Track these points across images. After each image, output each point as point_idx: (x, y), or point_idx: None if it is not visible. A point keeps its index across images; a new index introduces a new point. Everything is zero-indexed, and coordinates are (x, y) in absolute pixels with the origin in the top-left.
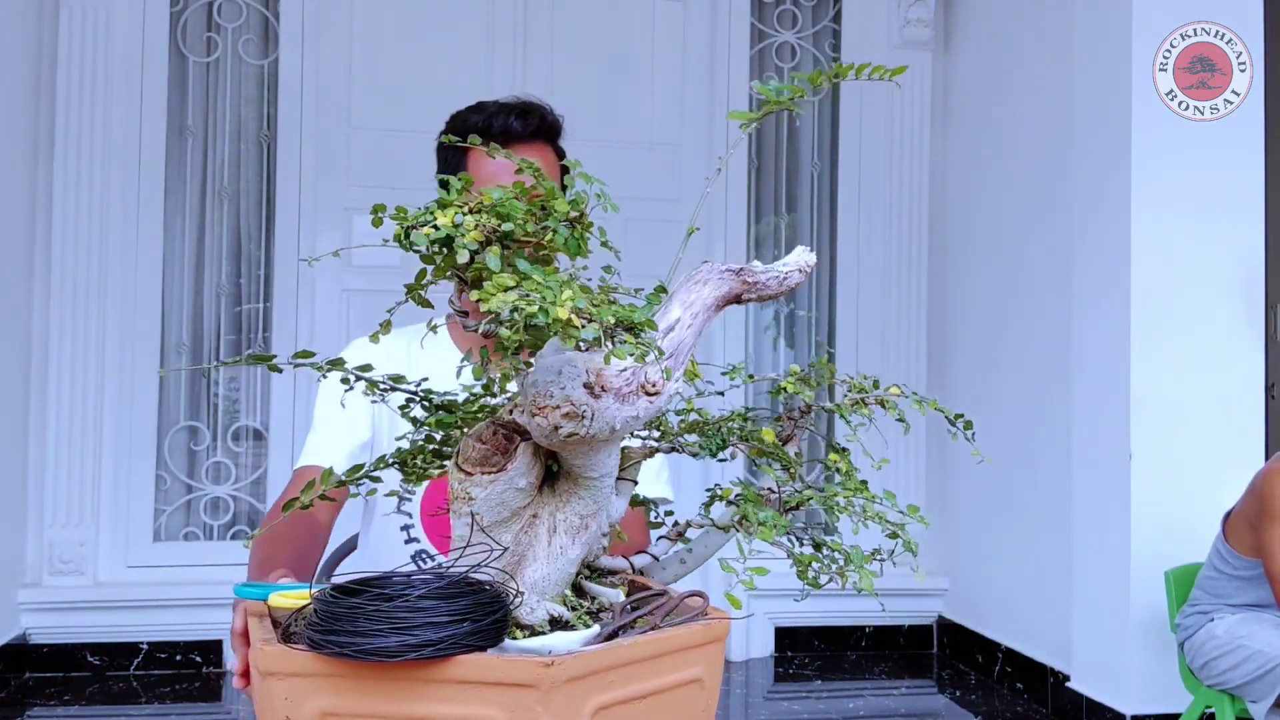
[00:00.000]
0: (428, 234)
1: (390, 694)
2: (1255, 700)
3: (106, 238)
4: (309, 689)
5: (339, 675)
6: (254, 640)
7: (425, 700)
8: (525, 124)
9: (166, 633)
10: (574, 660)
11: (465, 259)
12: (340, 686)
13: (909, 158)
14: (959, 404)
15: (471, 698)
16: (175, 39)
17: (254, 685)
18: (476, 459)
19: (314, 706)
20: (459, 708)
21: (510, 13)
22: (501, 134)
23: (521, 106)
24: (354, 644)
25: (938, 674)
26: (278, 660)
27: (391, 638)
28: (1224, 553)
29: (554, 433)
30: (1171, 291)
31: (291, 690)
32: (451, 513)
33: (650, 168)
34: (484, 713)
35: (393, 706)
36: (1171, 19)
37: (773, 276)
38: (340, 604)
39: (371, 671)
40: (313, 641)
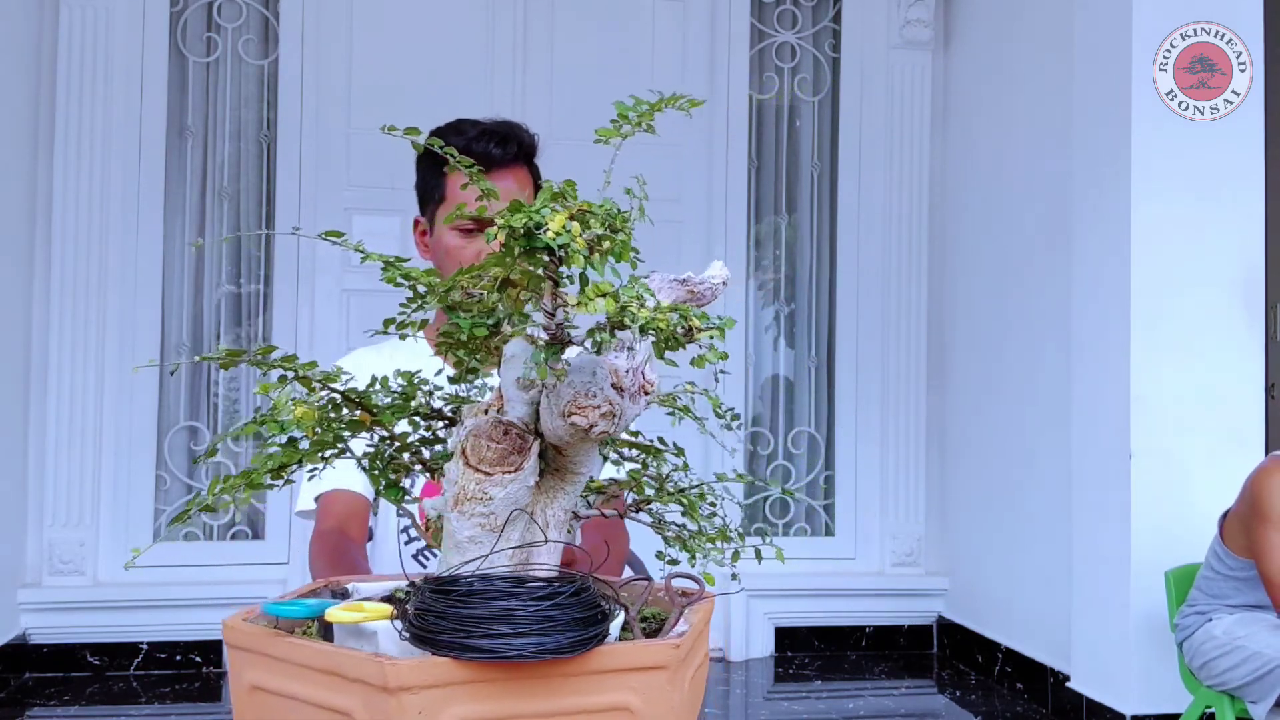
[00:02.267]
0: (552, 237)
1: (528, 693)
2: (1255, 701)
3: (106, 238)
4: (446, 699)
5: (479, 681)
6: (365, 658)
7: (564, 695)
8: (505, 150)
9: (166, 633)
10: (687, 639)
11: (580, 263)
12: (479, 692)
13: (909, 158)
14: (959, 404)
15: (608, 686)
16: (175, 39)
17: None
18: (494, 459)
19: (451, 716)
20: (596, 697)
21: (510, 13)
22: (481, 159)
23: (501, 133)
24: (511, 645)
25: (938, 674)
26: (414, 673)
27: (550, 637)
28: (1221, 554)
29: (587, 431)
30: (1171, 291)
31: (427, 702)
32: (457, 513)
33: (650, 168)
34: (620, 698)
35: (533, 705)
36: (1171, 19)
37: (707, 286)
38: (473, 609)
39: (509, 673)
40: (464, 647)
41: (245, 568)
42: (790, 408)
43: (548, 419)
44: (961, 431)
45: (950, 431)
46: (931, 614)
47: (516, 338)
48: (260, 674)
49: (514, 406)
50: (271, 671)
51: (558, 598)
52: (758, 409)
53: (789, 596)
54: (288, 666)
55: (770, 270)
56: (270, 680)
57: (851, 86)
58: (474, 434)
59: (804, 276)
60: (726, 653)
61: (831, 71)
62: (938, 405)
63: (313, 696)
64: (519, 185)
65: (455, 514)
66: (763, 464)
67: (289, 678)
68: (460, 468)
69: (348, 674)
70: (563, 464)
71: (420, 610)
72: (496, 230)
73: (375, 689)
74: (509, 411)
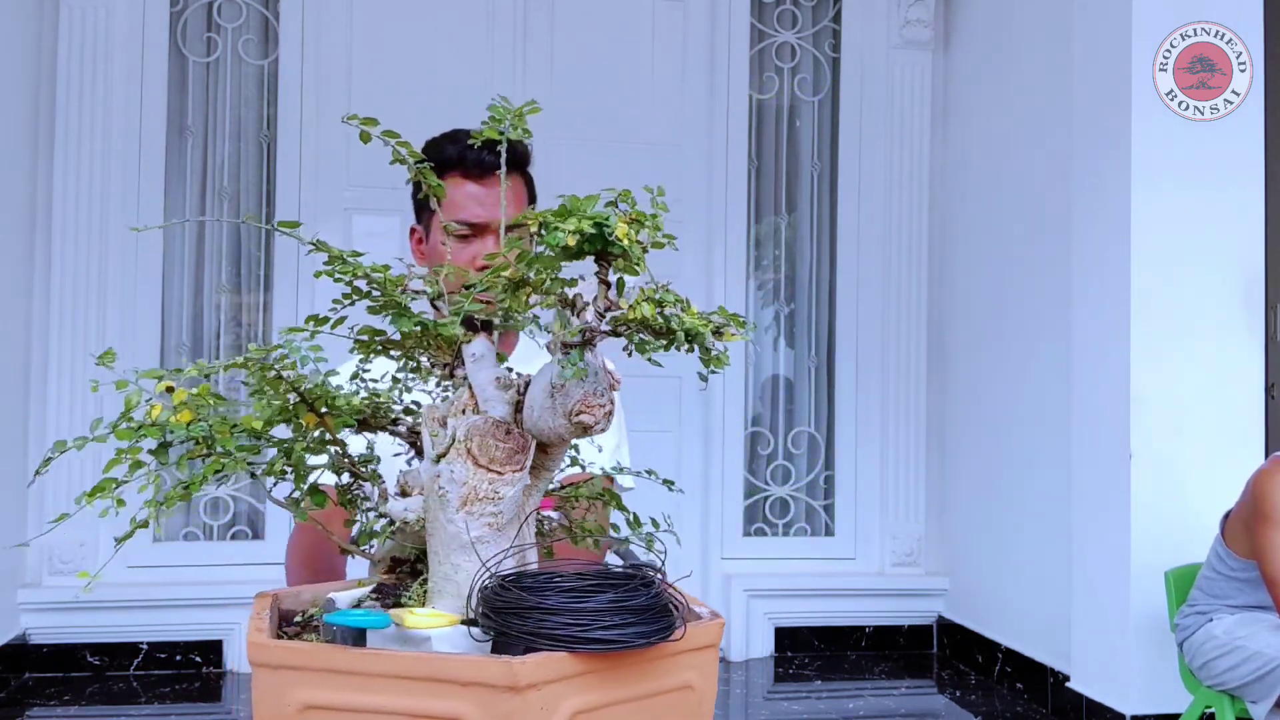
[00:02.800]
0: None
1: (625, 680)
2: (1255, 701)
3: (106, 238)
4: (564, 692)
5: (590, 672)
6: (486, 661)
7: (650, 679)
8: (495, 157)
9: (166, 633)
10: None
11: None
12: (589, 684)
13: (909, 158)
14: (959, 404)
15: (679, 666)
16: (175, 39)
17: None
18: (503, 458)
19: (569, 708)
20: (671, 678)
21: (510, 13)
22: (475, 165)
23: (495, 141)
24: (624, 635)
25: (938, 674)
26: (541, 670)
27: (646, 626)
28: (1222, 554)
29: (589, 430)
30: (1171, 291)
31: (548, 698)
32: (465, 514)
33: (650, 168)
34: (686, 677)
35: (629, 691)
36: (1171, 19)
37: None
38: (586, 603)
39: (611, 663)
40: (585, 640)
41: (245, 568)
42: (790, 408)
43: (548, 418)
44: (961, 431)
45: (950, 431)
46: (931, 614)
47: (480, 338)
48: (317, 691)
49: (495, 406)
50: (336, 687)
51: (650, 588)
52: (758, 409)
53: (789, 596)
54: (364, 679)
55: (770, 270)
56: (334, 696)
57: (851, 86)
58: (477, 434)
59: (804, 276)
60: (726, 653)
61: (831, 71)
62: (938, 405)
63: (406, 707)
64: (511, 193)
65: (463, 515)
66: (763, 464)
67: (364, 691)
68: (469, 468)
69: (461, 678)
70: (541, 462)
71: (514, 608)
72: (568, 233)
73: (499, 690)
74: (489, 411)
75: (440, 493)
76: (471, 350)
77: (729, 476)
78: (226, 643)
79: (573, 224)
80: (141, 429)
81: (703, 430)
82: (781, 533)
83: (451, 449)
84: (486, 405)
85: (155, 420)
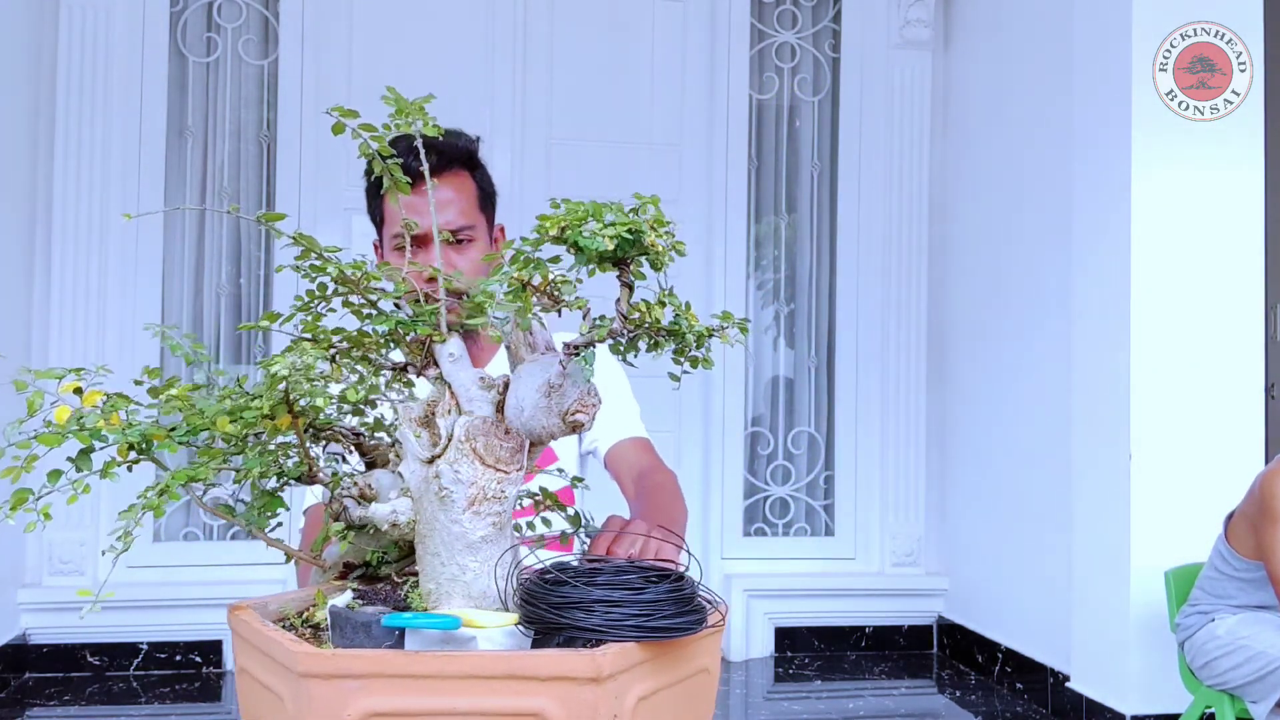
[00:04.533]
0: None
1: (671, 666)
2: (1256, 701)
3: (107, 238)
4: (632, 680)
5: (649, 660)
6: (568, 655)
7: (685, 662)
8: (430, 164)
9: (166, 633)
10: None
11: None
12: (648, 671)
13: (909, 158)
14: (959, 404)
15: (705, 649)
16: (175, 39)
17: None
18: (507, 457)
19: (634, 695)
20: (701, 660)
21: (510, 13)
22: (405, 172)
23: (425, 144)
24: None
25: (938, 674)
26: (619, 660)
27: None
28: (1225, 554)
29: (580, 428)
30: (1171, 291)
31: (622, 687)
32: (471, 514)
33: (650, 168)
34: (706, 660)
35: (673, 675)
36: (1171, 19)
37: None
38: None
39: (663, 650)
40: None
41: (245, 568)
42: (790, 408)
43: (542, 418)
44: (961, 431)
45: (950, 431)
46: (931, 614)
47: (454, 336)
48: (382, 698)
49: (480, 406)
50: (404, 692)
51: (690, 580)
52: (758, 409)
53: (789, 596)
54: (435, 682)
55: (770, 270)
56: (402, 702)
57: (851, 86)
58: (480, 434)
59: (804, 276)
60: (726, 653)
61: (831, 71)
62: (938, 405)
63: (481, 707)
64: (454, 191)
65: (469, 515)
66: (763, 464)
67: (434, 694)
68: (478, 468)
69: (542, 674)
70: None
71: (576, 603)
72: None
73: (581, 682)
74: (475, 411)
75: (442, 494)
76: (449, 350)
77: (729, 476)
78: (226, 643)
79: (612, 230)
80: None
81: (703, 430)
82: (781, 533)
83: (451, 449)
84: (471, 405)
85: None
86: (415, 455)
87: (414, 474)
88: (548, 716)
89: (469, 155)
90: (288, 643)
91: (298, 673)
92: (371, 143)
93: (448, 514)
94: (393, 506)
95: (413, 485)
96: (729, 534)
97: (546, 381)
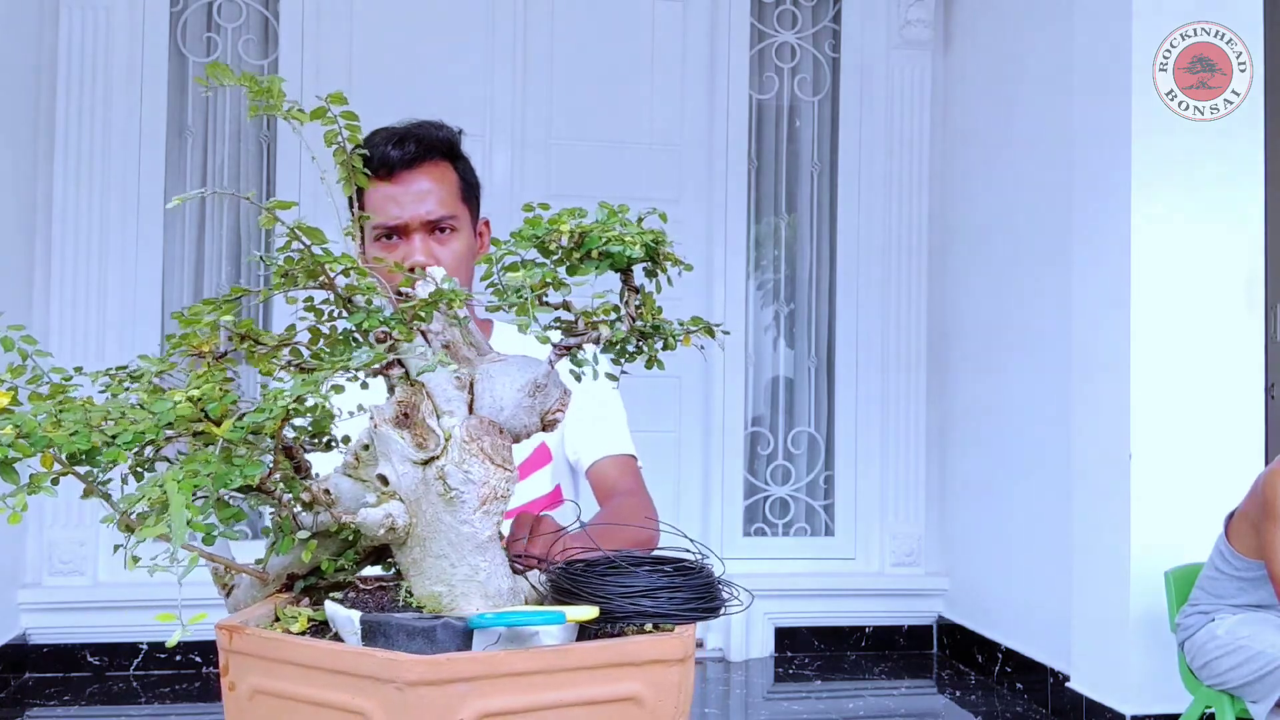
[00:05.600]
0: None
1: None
2: (1256, 701)
3: (106, 238)
4: (690, 666)
5: (688, 640)
6: (661, 638)
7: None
8: (402, 152)
9: (166, 633)
10: None
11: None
12: (689, 650)
13: (909, 158)
14: (959, 404)
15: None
16: (175, 39)
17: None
18: (508, 457)
19: (689, 682)
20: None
21: (510, 13)
22: (380, 163)
23: (400, 134)
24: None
25: (938, 674)
26: (685, 646)
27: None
28: (1226, 554)
29: (552, 426)
30: (1171, 291)
31: (684, 675)
32: (482, 514)
33: (650, 168)
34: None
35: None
36: (1171, 19)
37: None
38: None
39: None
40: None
41: None
42: (790, 408)
43: (523, 417)
44: (961, 431)
45: (950, 431)
46: (931, 614)
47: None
48: (495, 700)
49: (457, 406)
50: (513, 691)
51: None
52: (758, 409)
53: (789, 596)
54: (543, 677)
55: (770, 270)
56: (513, 700)
57: (851, 86)
58: (484, 434)
59: (804, 276)
60: (726, 653)
61: (831, 71)
62: (938, 405)
63: (584, 696)
64: (434, 182)
65: (480, 515)
66: (763, 464)
67: (541, 689)
68: (488, 468)
69: (638, 659)
70: None
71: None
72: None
73: (671, 664)
74: (453, 410)
75: (450, 495)
76: (419, 349)
77: (729, 476)
78: None
79: (638, 239)
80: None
81: (703, 430)
82: (781, 533)
83: (455, 449)
84: (449, 405)
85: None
86: (406, 457)
87: (406, 476)
88: (642, 699)
89: (449, 145)
90: (382, 655)
91: (407, 681)
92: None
93: (456, 515)
94: (386, 510)
95: (404, 488)
96: (729, 534)
97: (532, 381)
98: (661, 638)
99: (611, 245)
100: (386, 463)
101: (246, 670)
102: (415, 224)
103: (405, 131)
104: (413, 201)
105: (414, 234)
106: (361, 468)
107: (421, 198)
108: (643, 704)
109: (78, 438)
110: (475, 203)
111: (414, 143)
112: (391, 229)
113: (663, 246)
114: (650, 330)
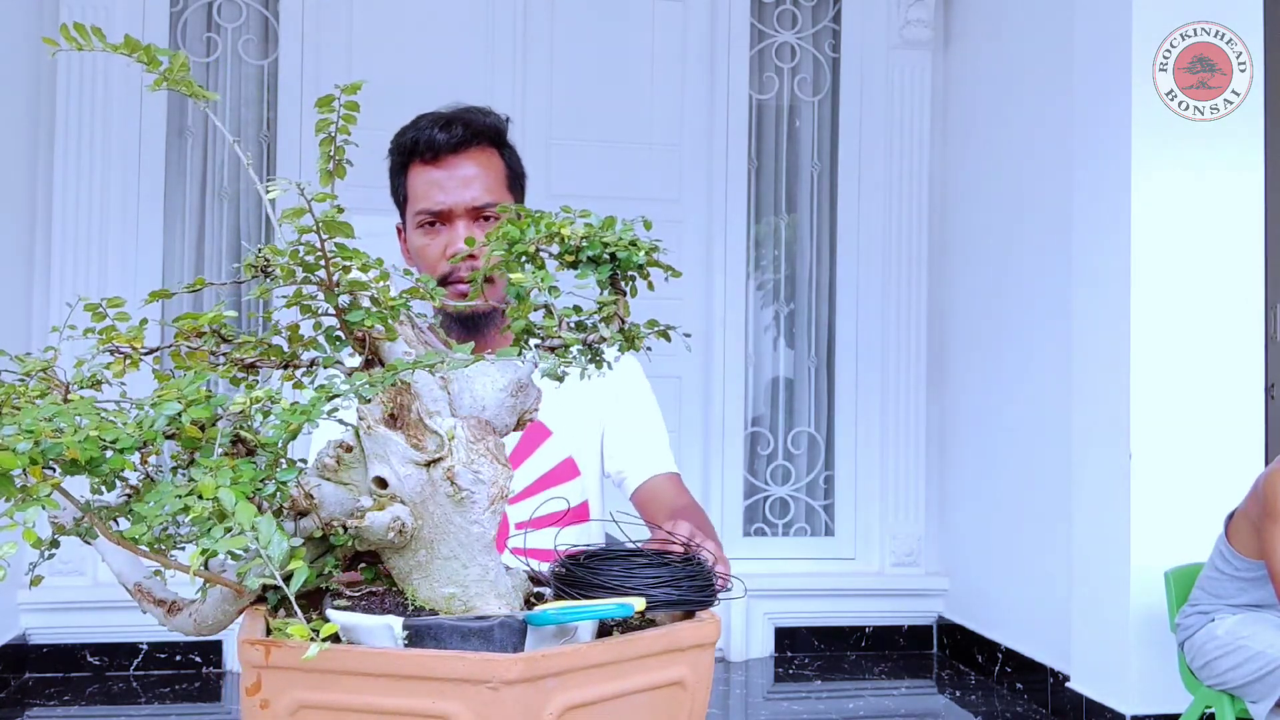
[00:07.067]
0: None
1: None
2: (1256, 701)
3: (106, 238)
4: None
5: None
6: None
7: None
8: (449, 135)
9: (166, 633)
10: None
11: None
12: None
13: (909, 158)
14: (959, 404)
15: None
16: (175, 39)
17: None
18: (505, 455)
19: (708, 663)
20: None
21: (510, 13)
22: (428, 148)
23: (447, 118)
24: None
25: (937, 674)
26: (718, 631)
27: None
28: (1226, 553)
29: (523, 426)
30: (1171, 291)
31: (712, 659)
32: (492, 513)
33: (650, 168)
34: None
35: None
36: (1171, 19)
37: None
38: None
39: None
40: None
41: None
42: (790, 408)
43: (505, 416)
44: (961, 431)
45: (950, 431)
46: (931, 614)
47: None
48: (577, 692)
49: (442, 406)
50: (592, 682)
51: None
52: (758, 409)
53: (789, 596)
54: (618, 667)
55: (770, 270)
56: (591, 691)
57: (851, 86)
58: (485, 433)
59: (804, 276)
60: (726, 653)
61: (831, 71)
62: (938, 405)
63: (645, 683)
64: (480, 168)
65: (489, 514)
66: (763, 464)
67: (613, 679)
68: (495, 467)
69: (685, 644)
70: None
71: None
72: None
73: (707, 648)
74: (438, 411)
75: (460, 495)
76: (403, 348)
77: (729, 476)
78: (226, 643)
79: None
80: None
81: (703, 430)
82: (781, 533)
83: (461, 450)
84: (436, 405)
85: None
86: (408, 459)
87: (410, 478)
88: (685, 682)
89: (496, 131)
90: (476, 656)
91: (505, 681)
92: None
93: (466, 515)
94: (393, 514)
95: (407, 490)
96: (729, 534)
97: (515, 381)
98: (699, 624)
99: (618, 251)
100: (384, 465)
101: (288, 685)
102: (460, 210)
103: (452, 115)
104: (458, 187)
105: (458, 220)
106: (343, 470)
107: (467, 183)
108: (686, 687)
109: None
110: (521, 192)
111: (461, 126)
112: (435, 214)
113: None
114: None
